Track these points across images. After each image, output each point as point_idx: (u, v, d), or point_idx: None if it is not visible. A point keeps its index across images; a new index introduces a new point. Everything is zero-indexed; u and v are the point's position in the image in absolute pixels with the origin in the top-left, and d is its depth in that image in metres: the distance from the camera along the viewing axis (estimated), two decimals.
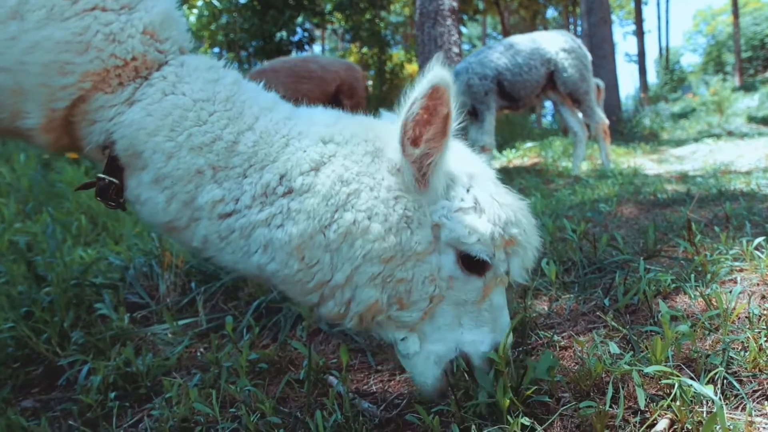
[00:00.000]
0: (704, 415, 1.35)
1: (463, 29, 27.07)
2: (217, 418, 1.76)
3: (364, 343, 2.37)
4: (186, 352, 2.56)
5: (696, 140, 11.06)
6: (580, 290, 2.45)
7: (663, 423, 1.37)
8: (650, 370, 1.39)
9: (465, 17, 28.30)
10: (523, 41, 7.58)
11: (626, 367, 1.50)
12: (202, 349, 2.58)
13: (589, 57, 7.70)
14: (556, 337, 2.00)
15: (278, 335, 2.58)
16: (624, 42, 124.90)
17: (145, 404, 2.11)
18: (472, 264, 1.51)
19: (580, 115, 7.82)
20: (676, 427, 1.35)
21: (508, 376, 1.47)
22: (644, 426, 1.37)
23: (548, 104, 27.96)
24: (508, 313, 1.64)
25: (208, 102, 1.56)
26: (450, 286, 1.54)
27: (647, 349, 1.61)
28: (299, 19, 16.64)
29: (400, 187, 1.50)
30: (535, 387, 1.51)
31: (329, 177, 1.50)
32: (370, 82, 19.71)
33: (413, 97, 1.42)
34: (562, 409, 1.47)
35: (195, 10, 17.24)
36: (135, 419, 2.03)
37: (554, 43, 7.45)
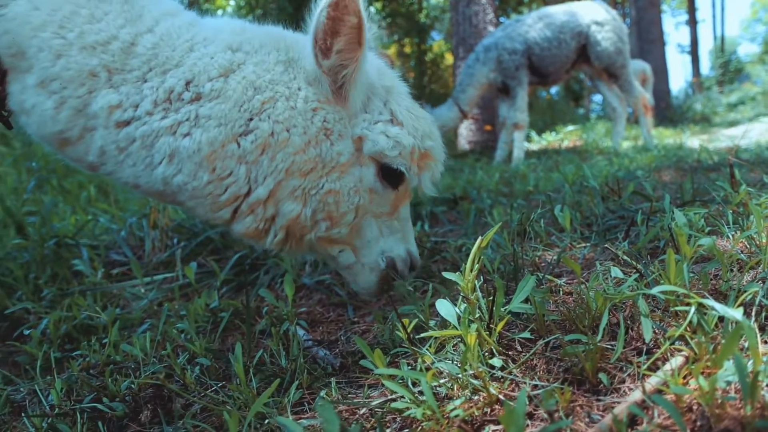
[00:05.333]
0: None
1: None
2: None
3: (345, 297, 2.09)
4: (161, 308, 2.35)
5: (750, 120, 10.29)
6: (599, 239, 2.10)
7: (675, 361, 1.03)
8: (657, 290, 1.04)
9: (509, 10, 27.52)
10: (555, 12, 7.08)
11: (628, 292, 1.16)
12: (177, 305, 2.37)
13: (626, 29, 7.15)
14: (559, 281, 1.66)
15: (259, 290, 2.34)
16: (676, 32, 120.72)
17: None
18: (389, 176, 1.58)
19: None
20: (692, 367, 1.01)
21: (476, 305, 1.16)
22: (648, 365, 1.03)
23: (597, 98, 26.96)
24: (411, 223, 1.77)
25: (103, 1, 1.43)
26: (371, 200, 1.59)
27: (658, 272, 1.26)
28: None
29: (319, 98, 1.47)
30: (509, 317, 1.19)
31: (240, 83, 1.44)
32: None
33: (320, 5, 1.36)
34: (540, 343, 1.14)
35: (232, 2, 17.26)
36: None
37: (586, 15, 6.94)
